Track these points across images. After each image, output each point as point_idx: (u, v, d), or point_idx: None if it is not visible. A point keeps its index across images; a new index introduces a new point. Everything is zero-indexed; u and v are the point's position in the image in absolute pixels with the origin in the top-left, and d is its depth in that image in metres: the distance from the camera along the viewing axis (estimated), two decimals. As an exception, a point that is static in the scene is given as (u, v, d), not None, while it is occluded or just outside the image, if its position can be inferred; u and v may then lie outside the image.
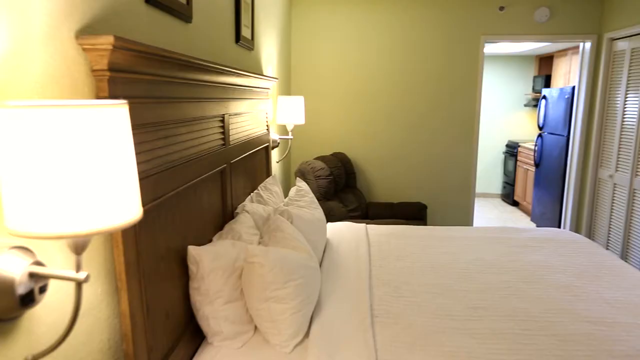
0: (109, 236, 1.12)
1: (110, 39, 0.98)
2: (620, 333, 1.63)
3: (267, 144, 3.00)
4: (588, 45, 4.23)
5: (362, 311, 1.76)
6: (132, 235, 1.15)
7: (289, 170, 4.44)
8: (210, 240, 1.82)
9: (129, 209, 0.74)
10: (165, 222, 1.39)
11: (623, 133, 3.80)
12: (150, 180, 1.24)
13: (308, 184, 3.51)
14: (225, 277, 1.55)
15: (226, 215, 2.06)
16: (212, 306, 1.51)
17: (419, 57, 4.31)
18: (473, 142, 4.41)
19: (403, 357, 1.48)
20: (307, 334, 1.62)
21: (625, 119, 3.77)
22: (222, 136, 2.00)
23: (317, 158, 3.92)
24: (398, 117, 4.41)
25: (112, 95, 1.06)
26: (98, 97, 1.06)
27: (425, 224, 3.92)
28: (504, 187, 6.85)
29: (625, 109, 3.77)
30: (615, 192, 3.92)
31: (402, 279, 2.13)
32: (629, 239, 3.70)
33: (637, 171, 3.60)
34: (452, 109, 4.37)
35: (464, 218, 4.52)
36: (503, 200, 6.89)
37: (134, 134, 1.15)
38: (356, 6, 4.26)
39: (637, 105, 3.59)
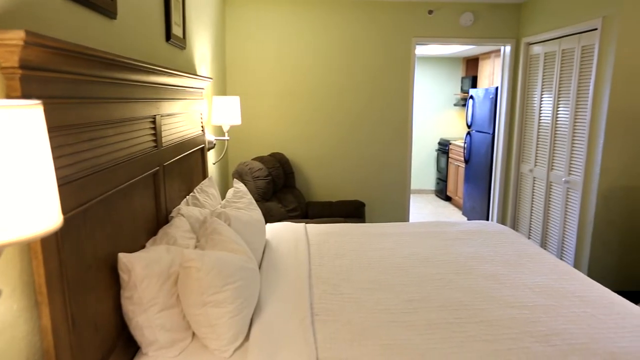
0: (27, 247, 1.04)
1: (20, 34, 0.90)
2: (540, 315, 1.77)
3: (203, 145, 2.92)
4: (508, 48, 4.53)
5: (302, 310, 1.76)
6: (53, 245, 1.07)
7: (227, 172, 4.37)
8: (143, 247, 1.75)
9: (46, 216, 0.69)
10: (92, 229, 1.31)
11: (540, 130, 4.11)
12: (74, 185, 1.17)
13: (246, 185, 3.47)
14: (159, 283, 1.49)
15: (160, 219, 1.99)
16: (146, 315, 1.45)
17: (354, 57, 4.39)
18: (407, 141, 4.57)
19: (343, 353, 1.51)
20: (247, 337, 1.60)
21: (541, 118, 4.08)
22: (154, 138, 1.92)
23: (255, 159, 3.88)
24: (335, 117, 4.48)
25: (26, 95, 0.98)
26: (9, 97, 0.98)
27: (363, 221, 4.00)
28: (437, 183, 7.17)
29: (542, 109, 4.08)
30: (535, 185, 4.23)
31: (342, 276, 2.17)
32: (547, 228, 4.01)
33: (553, 165, 3.91)
34: (387, 109, 4.50)
35: (400, 214, 4.68)
36: (437, 195, 7.20)
37: (54, 137, 1.08)
38: (291, 7, 4.27)
39: (551, 105, 3.90)
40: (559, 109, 3.80)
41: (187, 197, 2.40)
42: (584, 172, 3.45)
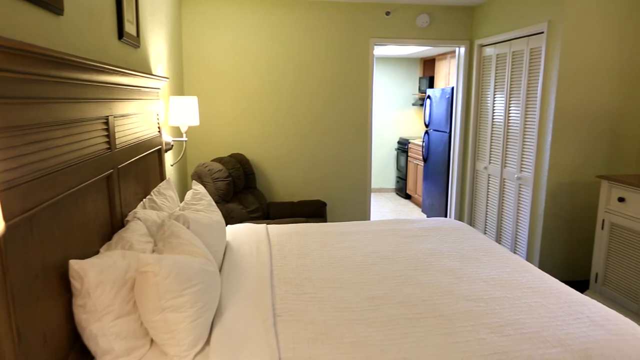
0: (-33, 256, 0.98)
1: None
2: (495, 307, 1.83)
3: (160, 146, 2.85)
4: (462, 50, 4.67)
5: (264, 312, 1.75)
6: (-4, 253, 1.01)
7: (185, 174, 4.27)
8: (97, 252, 1.68)
9: (-15, 224, 0.65)
10: (40, 236, 1.25)
11: (494, 129, 4.26)
12: (19, 190, 1.11)
13: (206, 187, 3.41)
14: (114, 290, 1.44)
15: (115, 224, 1.92)
16: (101, 323, 1.39)
17: (313, 57, 4.41)
18: (367, 140, 4.63)
19: (305, 352, 1.51)
20: (208, 341, 1.57)
21: (495, 117, 4.24)
22: (107, 139, 1.85)
23: (215, 160, 3.82)
24: (295, 117, 4.47)
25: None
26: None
27: (325, 220, 4.02)
28: (398, 182, 7.30)
29: (495, 108, 4.23)
30: (489, 182, 4.38)
31: (304, 276, 2.17)
32: (501, 223, 4.17)
33: (506, 163, 4.07)
34: (347, 108, 4.54)
35: (362, 213, 4.73)
36: (397, 194, 7.33)
37: (-6, 139, 1.02)
38: (249, 6, 4.23)
39: (503, 105, 4.06)
40: (511, 108, 3.95)
41: (144, 200, 2.34)
42: (534, 169, 3.61)
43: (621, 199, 2.92)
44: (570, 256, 3.60)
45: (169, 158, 3.42)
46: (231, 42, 4.26)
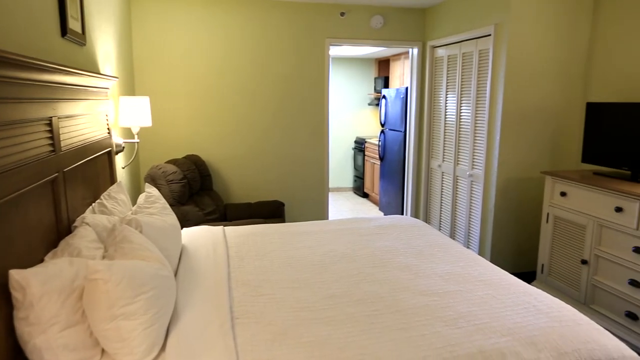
0: None
1: None
2: (449, 301, 1.89)
3: (110, 148, 2.74)
4: (415, 51, 4.79)
5: (221, 315, 1.72)
6: None
7: (138, 176, 4.14)
8: (41, 261, 1.60)
9: None
10: (-25, 246, 1.17)
11: (446, 128, 4.40)
12: (-50, 197, 1.04)
13: (160, 190, 3.32)
14: (61, 300, 1.37)
15: (61, 230, 1.83)
16: (46, 335, 1.32)
17: (268, 57, 4.38)
18: (324, 140, 4.65)
19: (264, 354, 1.50)
20: (163, 348, 1.53)
21: (447, 116, 4.37)
22: (51, 142, 1.76)
23: (169, 161, 3.72)
24: (251, 117, 4.43)
25: None
26: None
27: (283, 221, 4.01)
28: (355, 181, 7.38)
29: (447, 108, 4.37)
30: (443, 179, 4.52)
31: (262, 277, 2.15)
32: (455, 219, 4.31)
33: (458, 161, 4.20)
34: (303, 108, 4.55)
35: (320, 212, 4.75)
36: (355, 193, 7.42)
37: None
38: (202, 6, 4.15)
39: (455, 105, 4.19)
40: (462, 108, 4.09)
41: (93, 204, 2.24)
42: (484, 166, 3.75)
43: (563, 194, 3.09)
44: (519, 249, 3.78)
45: (120, 160, 3.30)
46: (185, 42, 4.16)
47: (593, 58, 3.52)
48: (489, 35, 3.65)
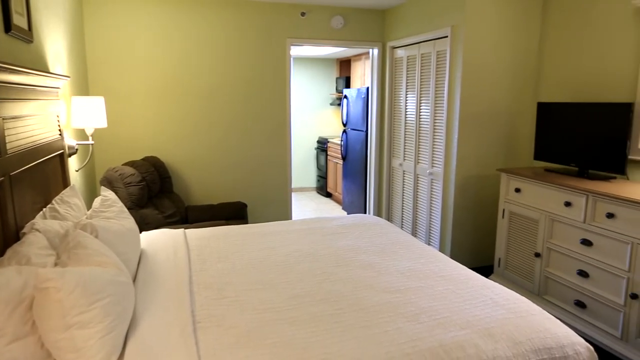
0: None
1: None
2: (411, 297, 1.93)
3: (62, 150, 2.63)
4: (376, 51, 4.85)
5: (183, 319, 1.69)
6: None
7: (94, 179, 3.98)
8: (-14, 270, 1.51)
9: None
10: None
11: (407, 127, 4.48)
12: None
13: (117, 193, 3.21)
14: (8, 311, 1.30)
15: (8, 237, 1.74)
16: (-7, 348, 1.25)
17: (229, 57, 4.32)
18: (286, 140, 4.64)
19: (227, 358, 1.47)
20: (122, 356, 1.48)
21: (407, 116, 4.45)
22: (-4, 144, 1.67)
23: (126, 164, 3.61)
24: (212, 117, 4.36)
25: None
26: None
27: (246, 222, 3.97)
28: (318, 181, 7.41)
29: (407, 107, 4.45)
30: (404, 178, 4.60)
31: (225, 279, 2.12)
32: (416, 217, 4.40)
33: (419, 159, 4.30)
34: (265, 108, 4.52)
35: (283, 213, 4.74)
36: (318, 192, 7.44)
37: None
38: (160, 4, 4.04)
39: (415, 104, 4.28)
40: (421, 107, 4.18)
41: (44, 209, 2.14)
42: (443, 164, 3.85)
43: (517, 190, 3.21)
44: (477, 244, 3.90)
45: (73, 163, 3.17)
46: (141, 41, 4.04)
47: (542, 60, 3.68)
48: (446, 36, 3.74)
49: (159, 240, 2.62)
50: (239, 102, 4.42)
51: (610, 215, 2.51)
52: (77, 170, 3.26)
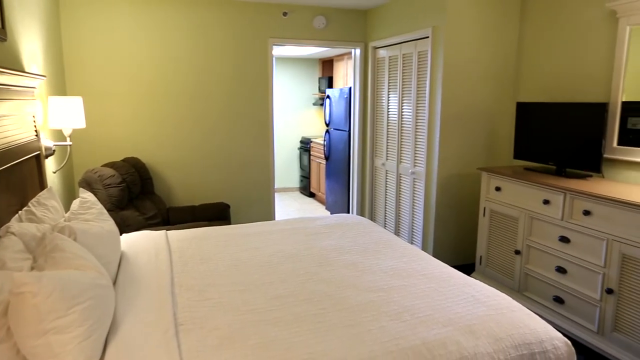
0: None
1: None
2: (394, 295, 1.94)
3: (38, 151, 2.57)
4: (358, 51, 4.87)
5: (164, 322, 1.66)
6: None
7: (72, 181, 3.91)
8: (-41, 275, 1.46)
9: None
10: None
11: (389, 127, 4.51)
12: None
13: (96, 194, 3.15)
14: (-17, 316, 1.27)
15: (-17, 241, 1.69)
16: (-33, 356, 1.22)
17: (211, 57, 4.28)
18: (269, 140, 4.62)
19: (210, 360, 1.46)
20: (101, 360, 1.46)
21: (389, 116, 4.48)
22: (-32, 145, 1.62)
23: (106, 165, 3.55)
24: (193, 118, 4.32)
25: None
26: None
27: (229, 223, 3.94)
28: (301, 181, 7.40)
29: (389, 107, 4.48)
30: (387, 177, 4.63)
31: (207, 281, 2.10)
32: (399, 216, 4.43)
33: (401, 159, 4.33)
34: (247, 108, 4.49)
35: (267, 213, 4.72)
36: (301, 192, 7.44)
37: None
38: (140, 3, 3.98)
39: (397, 104, 4.31)
40: (404, 107, 4.21)
41: (20, 212, 2.09)
42: (425, 163, 3.88)
43: (498, 188, 3.26)
44: (459, 242, 3.95)
45: (50, 165, 3.10)
46: (121, 40, 3.98)
47: (521, 60, 3.75)
48: (427, 37, 3.78)
49: (140, 242, 2.58)
50: (221, 102, 4.39)
51: (586, 213, 2.56)
52: (54, 172, 3.19)
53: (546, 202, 2.83)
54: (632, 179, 2.84)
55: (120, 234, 2.95)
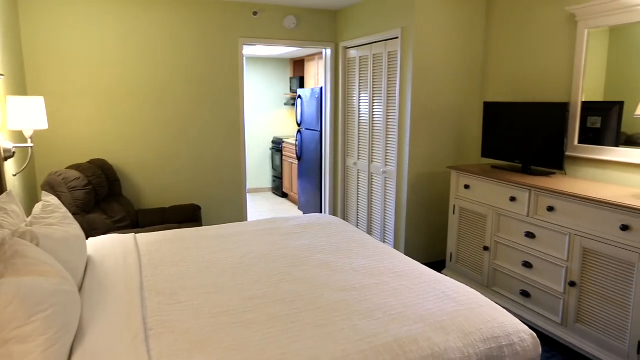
0: None
1: None
2: (366, 294, 1.96)
3: (-3, 154, 2.46)
4: (329, 51, 4.88)
5: (134, 327, 1.63)
6: None
7: (34, 184, 3.77)
8: None
9: None
10: None
11: (360, 127, 4.54)
12: None
13: (60, 198, 3.05)
14: (-62, 327, 1.21)
15: (-63, 248, 1.61)
16: None
17: (180, 56, 4.21)
18: (241, 140, 4.58)
19: (181, 364, 1.44)
20: (67, 369, 1.41)
21: (361, 115, 4.52)
22: None
23: (71, 167, 3.44)
24: (162, 118, 4.23)
25: None
26: None
27: (200, 225, 3.89)
28: (274, 181, 7.37)
29: (360, 107, 4.51)
30: (359, 177, 4.66)
31: (178, 284, 2.07)
32: (371, 215, 4.47)
33: (373, 158, 4.37)
34: (218, 108, 4.44)
35: (238, 214, 4.68)
36: (274, 193, 7.40)
37: None
38: (105, 1, 3.88)
39: (368, 104, 4.35)
40: (374, 107, 4.25)
41: (-22, 217, 2.00)
42: (397, 162, 3.93)
43: (467, 186, 3.33)
44: (430, 240, 4.01)
45: (10, 167, 2.98)
46: (85, 38, 3.86)
47: (488, 61, 3.84)
48: (397, 38, 3.83)
49: (108, 246, 2.51)
50: (191, 102, 4.32)
51: (550, 209, 2.65)
52: (14, 175, 3.07)
53: (513, 199, 2.92)
54: (592, 176, 2.96)
55: (87, 238, 2.87)
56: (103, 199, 3.55)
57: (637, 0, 2.58)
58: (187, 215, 3.86)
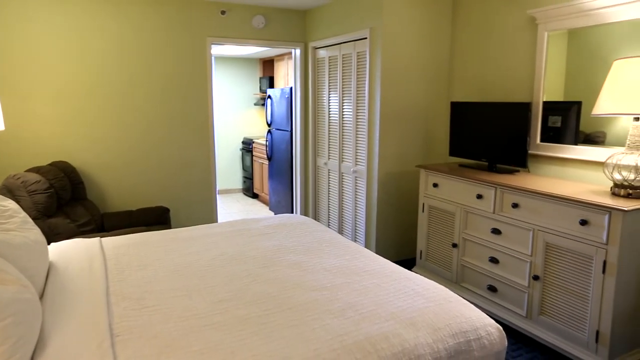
0: None
1: None
2: (337, 293, 1.96)
3: (-50, 156, 2.34)
4: (298, 51, 4.88)
5: (99, 334, 1.58)
6: None
7: (-8, 187, 3.60)
8: None
9: None
10: None
11: (330, 127, 4.56)
12: None
13: (19, 202, 2.93)
14: None
15: None
16: None
17: (146, 56, 4.12)
18: (210, 140, 4.52)
19: (149, 371, 1.41)
20: (28, 381, 1.35)
21: (331, 115, 4.53)
22: None
23: (31, 169, 3.31)
24: (128, 119, 4.13)
25: None
26: None
27: (169, 227, 3.81)
28: (244, 182, 7.30)
29: (330, 107, 4.53)
30: (330, 177, 4.68)
31: (146, 288, 2.02)
32: (342, 214, 4.49)
33: (343, 158, 4.39)
34: (186, 108, 4.36)
35: (209, 216, 4.61)
36: (244, 194, 7.34)
37: None
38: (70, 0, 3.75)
39: (337, 104, 4.37)
40: (344, 107, 4.28)
41: None
42: (366, 162, 3.97)
43: (435, 185, 3.40)
44: (400, 238, 4.07)
45: (-35, 170, 2.84)
46: (44, 36, 3.72)
47: (453, 61, 3.93)
48: (365, 38, 3.86)
49: (72, 251, 2.43)
50: (158, 102, 4.23)
51: (515, 205, 2.73)
52: (-30, 179, 2.93)
53: (479, 196, 2.99)
54: (553, 173, 3.07)
55: (49, 243, 2.77)
56: (66, 202, 3.43)
57: (592, 5, 2.70)
58: (155, 218, 3.78)
